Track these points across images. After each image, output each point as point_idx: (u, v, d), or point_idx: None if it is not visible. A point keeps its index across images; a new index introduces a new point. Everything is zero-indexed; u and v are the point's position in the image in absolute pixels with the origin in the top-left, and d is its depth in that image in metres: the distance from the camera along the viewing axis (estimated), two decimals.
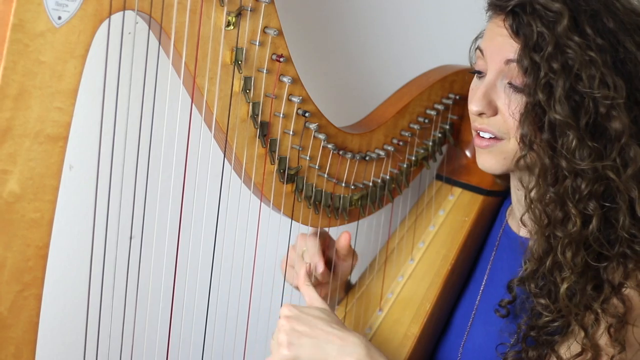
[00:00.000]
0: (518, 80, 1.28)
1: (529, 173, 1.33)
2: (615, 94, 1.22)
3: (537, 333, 1.30)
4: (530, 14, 1.26)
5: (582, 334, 1.26)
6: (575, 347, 1.27)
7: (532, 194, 1.30)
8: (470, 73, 1.39)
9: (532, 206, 1.30)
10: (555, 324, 1.29)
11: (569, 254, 1.25)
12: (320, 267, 1.48)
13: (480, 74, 1.35)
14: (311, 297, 1.40)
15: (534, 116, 1.25)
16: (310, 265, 1.48)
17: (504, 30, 1.29)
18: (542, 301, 1.29)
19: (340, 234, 1.52)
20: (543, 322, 1.29)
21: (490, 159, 1.35)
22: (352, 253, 1.55)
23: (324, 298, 1.46)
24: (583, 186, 1.24)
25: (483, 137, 1.35)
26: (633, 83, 1.25)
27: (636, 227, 1.25)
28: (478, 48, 1.35)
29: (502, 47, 1.30)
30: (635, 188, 1.24)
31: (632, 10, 1.29)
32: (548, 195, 1.27)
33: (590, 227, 1.25)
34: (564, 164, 1.24)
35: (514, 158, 1.32)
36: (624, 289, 1.26)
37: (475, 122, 1.35)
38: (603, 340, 1.26)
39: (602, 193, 1.25)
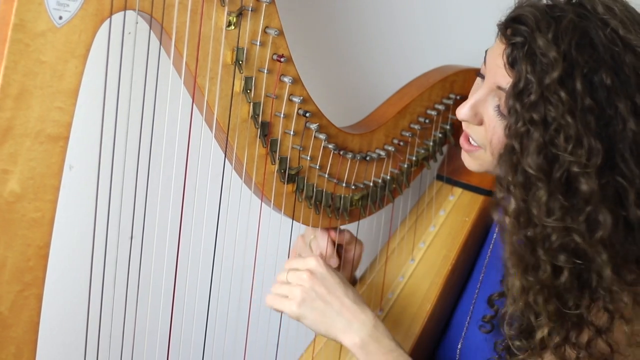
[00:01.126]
0: (505, 109, 1.24)
1: (504, 215, 1.25)
2: (588, 160, 1.16)
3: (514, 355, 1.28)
4: (526, 56, 1.19)
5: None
6: None
7: (508, 235, 1.24)
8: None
9: (508, 249, 1.25)
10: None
11: (540, 300, 1.21)
12: (334, 262, 1.50)
13: (483, 77, 1.33)
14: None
15: (511, 159, 1.21)
16: (321, 253, 1.49)
17: (502, 58, 1.23)
18: (518, 343, 1.26)
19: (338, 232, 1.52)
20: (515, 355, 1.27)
21: (470, 161, 1.35)
22: (355, 241, 1.56)
23: None
24: (553, 238, 1.19)
25: (466, 141, 1.34)
26: (615, 147, 1.17)
27: (616, 285, 1.19)
28: (485, 55, 1.32)
29: (497, 71, 1.25)
30: (603, 252, 1.17)
31: None
32: (519, 238, 1.22)
33: (562, 278, 1.20)
34: (534, 211, 1.19)
35: (489, 165, 1.31)
36: (610, 334, 1.21)
37: (463, 124, 1.34)
38: None
39: (573, 248, 1.19)
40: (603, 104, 1.17)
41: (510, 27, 1.23)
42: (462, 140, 1.35)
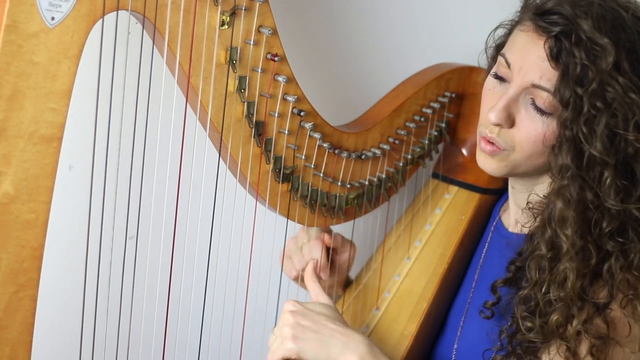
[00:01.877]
0: (543, 104, 1.26)
1: (554, 202, 1.29)
2: None
3: (519, 342, 1.29)
4: (575, 44, 1.23)
5: (564, 347, 1.25)
6: (558, 359, 1.27)
7: (550, 218, 1.28)
8: (490, 75, 1.35)
9: (545, 228, 1.28)
10: (535, 341, 1.28)
11: (578, 289, 1.24)
12: (325, 275, 1.51)
13: (503, 80, 1.33)
14: (317, 292, 1.40)
15: (574, 149, 1.24)
16: (316, 261, 1.49)
17: (541, 51, 1.25)
18: (529, 324, 1.28)
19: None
20: (522, 337, 1.28)
21: (491, 163, 1.35)
22: (347, 243, 1.56)
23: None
24: (605, 223, 1.24)
25: (488, 142, 1.34)
26: None
27: None
28: (504, 57, 1.32)
29: (533, 68, 1.27)
30: None
31: None
32: (569, 229, 1.25)
33: (608, 264, 1.25)
34: (590, 197, 1.24)
35: (514, 167, 1.33)
36: (609, 311, 1.25)
37: (486, 129, 1.33)
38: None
39: (617, 230, 1.25)
40: None
41: (545, 20, 1.26)
42: (481, 144, 1.34)
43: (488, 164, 1.35)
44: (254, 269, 1.41)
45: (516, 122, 1.30)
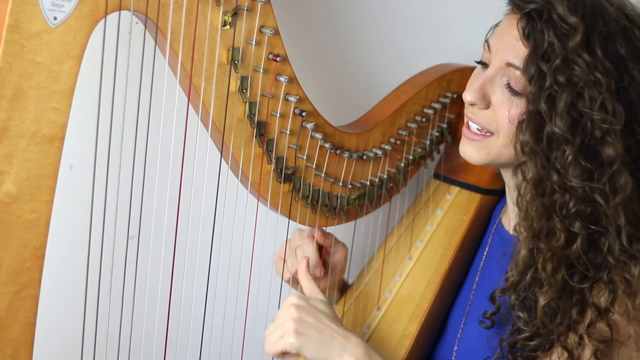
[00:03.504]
0: (517, 84, 1.28)
1: (522, 180, 1.31)
2: (613, 120, 1.21)
3: (519, 350, 1.30)
4: (545, 22, 1.24)
5: (566, 354, 1.26)
6: None
7: (524, 202, 1.29)
8: (476, 63, 1.38)
9: (522, 214, 1.29)
10: (534, 342, 1.28)
11: (549, 268, 1.25)
12: (319, 272, 1.50)
13: (485, 65, 1.35)
14: (312, 289, 1.40)
15: (534, 124, 1.25)
16: (308, 258, 1.49)
17: (515, 31, 1.27)
18: (521, 314, 1.29)
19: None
20: (522, 339, 1.29)
21: (472, 151, 1.36)
22: (339, 246, 1.56)
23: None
24: (571, 204, 1.23)
25: (471, 130, 1.35)
26: (632, 112, 1.24)
27: (626, 254, 1.24)
28: (487, 42, 1.35)
29: (508, 48, 1.29)
30: (622, 216, 1.23)
31: None
32: (536, 206, 1.26)
33: (574, 246, 1.24)
34: (554, 177, 1.24)
35: (497, 155, 1.33)
36: (610, 314, 1.25)
37: (467, 110, 1.36)
38: None
39: (589, 215, 1.24)
40: (620, 70, 1.23)
41: None
42: (465, 131, 1.36)
43: (469, 151, 1.36)
44: (256, 269, 1.41)
45: (492, 103, 1.32)
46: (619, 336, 1.25)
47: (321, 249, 1.53)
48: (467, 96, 1.33)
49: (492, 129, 1.33)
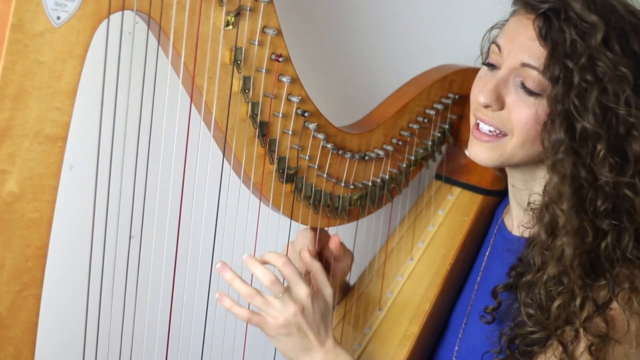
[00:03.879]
0: (532, 84, 1.27)
1: (558, 179, 1.29)
2: (638, 114, 1.23)
3: (517, 345, 1.30)
4: (565, 21, 1.24)
5: (560, 348, 1.26)
6: None
7: (547, 199, 1.29)
8: (483, 64, 1.38)
9: (543, 212, 1.29)
10: (536, 335, 1.28)
11: (575, 267, 1.25)
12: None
13: (493, 67, 1.34)
14: (322, 281, 1.39)
15: (566, 123, 1.25)
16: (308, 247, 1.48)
17: (531, 31, 1.27)
18: (531, 311, 1.29)
19: (331, 237, 1.51)
20: (525, 332, 1.29)
21: (484, 152, 1.35)
22: (347, 254, 1.55)
23: None
24: (600, 201, 1.24)
25: (483, 132, 1.35)
26: None
27: (638, 251, 1.25)
28: (495, 43, 1.34)
29: (523, 48, 1.29)
30: None
31: None
32: (564, 204, 1.26)
33: (604, 242, 1.25)
34: (583, 174, 1.24)
35: (510, 155, 1.32)
36: (608, 310, 1.25)
37: (479, 112, 1.35)
38: (584, 358, 1.26)
39: (611, 210, 1.25)
40: (637, 66, 1.24)
41: None
42: (476, 134, 1.35)
43: (481, 153, 1.36)
44: None
45: (507, 104, 1.31)
46: (615, 332, 1.25)
47: (321, 252, 1.53)
48: (481, 98, 1.31)
49: (506, 129, 1.32)
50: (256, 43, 1.29)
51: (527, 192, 1.37)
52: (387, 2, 1.74)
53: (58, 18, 1.07)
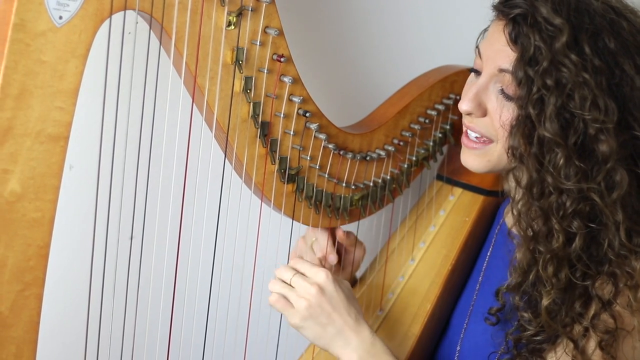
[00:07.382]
0: (510, 89, 1.27)
1: (516, 185, 1.32)
2: (605, 118, 1.20)
3: (524, 345, 1.30)
4: (531, 26, 1.24)
5: (571, 345, 1.26)
6: (565, 358, 1.27)
7: (519, 205, 1.29)
8: (468, 71, 1.39)
9: (519, 218, 1.30)
10: (539, 337, 1.28)
11: (550, 270, 1.25)
12: (333, 258, 1.50)
13: (477, 72, 1.35)
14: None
15: (524, 129, 1.25)
16: (324, 257, 1.50)
17: (503, 37, 1.27)
18: (525, 315, 1.29)
19: (336, 229, 1.53)
20: (528, 336, 1.29)
21: (473, 159, 1.36)
22: (357, 243, 1.56)
23: None
24: (568, 204, 1.23)
25: (470, 138, 1.35)
26: (626, 106, 1.23)
27: (626, 249, 1.24)
28: (477, 48, 1.35)
29: (498, 54, 1.29)
30: (620, 211, 1.23)
31: (638, 30, 1.27)
32: (533, 209, 1.26)
33: (574, 245, 1.24)
34: (549, 179, 1.23)
35: (498, 161, 1.33)
36: (614, 305, 1.25)
37: (465, 119, 1.36)
38: (596, 355, 1.26)
39: (587, 213, 1.24)
40: (611, 66, 1.22)
41: (506, 5, 1.28)
42: (465, 140, 1.36)
43: (470, 160, 1.37)
44: (259, 269, 1.41)
45: (489, 111, 1.32)
46: (624, 326, 1.25)
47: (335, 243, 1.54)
48: (463, 106, 1.32)
49: (491, 136, 1.33)
50: (258, 43, 1.29)
51: (512, 202, 1.38)
52: (388, 3, 1.75)
53: (60, 18, 1.07)
